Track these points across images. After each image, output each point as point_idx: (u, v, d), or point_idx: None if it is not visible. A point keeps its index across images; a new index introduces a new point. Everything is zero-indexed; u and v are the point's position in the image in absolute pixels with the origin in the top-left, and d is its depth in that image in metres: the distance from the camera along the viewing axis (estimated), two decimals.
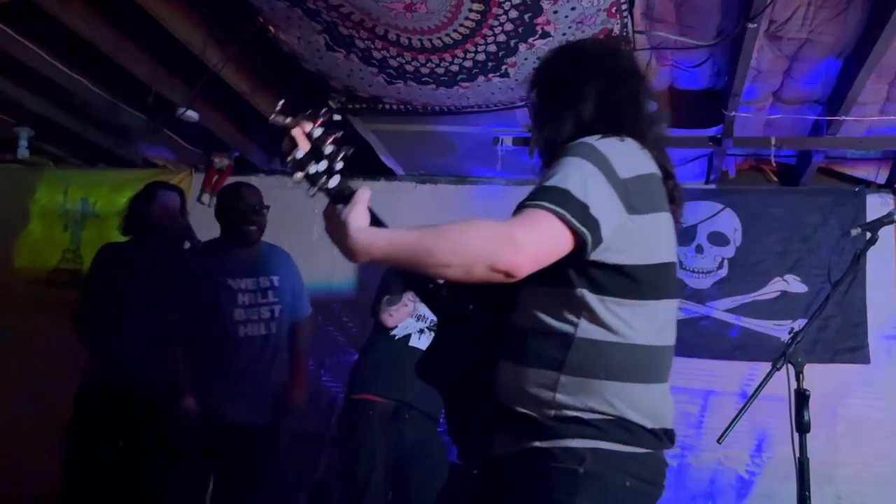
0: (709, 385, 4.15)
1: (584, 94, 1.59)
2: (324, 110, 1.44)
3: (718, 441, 2.45)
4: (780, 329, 4.12)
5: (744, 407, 2.45)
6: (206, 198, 4.69)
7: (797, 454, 2.39)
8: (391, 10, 2.70)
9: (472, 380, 1.62)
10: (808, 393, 2.41)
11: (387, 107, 3.57)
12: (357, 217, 1.41)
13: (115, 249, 3.47)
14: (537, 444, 1.47)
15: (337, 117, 1.45)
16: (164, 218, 3.39)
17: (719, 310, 4.26)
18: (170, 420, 2.99)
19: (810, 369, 2.46)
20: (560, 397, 1.46)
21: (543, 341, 1.49)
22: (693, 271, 4.33)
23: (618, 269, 1.47)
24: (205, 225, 3.54)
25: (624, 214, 1.45)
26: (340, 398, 3.96)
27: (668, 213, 1.57)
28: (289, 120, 1.39)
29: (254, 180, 3.90)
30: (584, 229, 1.39)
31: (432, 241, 1.38)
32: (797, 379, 2.43)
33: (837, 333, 4.07)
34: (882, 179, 4.26)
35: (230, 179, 4.56)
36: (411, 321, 3.31)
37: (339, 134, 1.44)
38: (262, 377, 3.16)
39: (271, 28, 3.03)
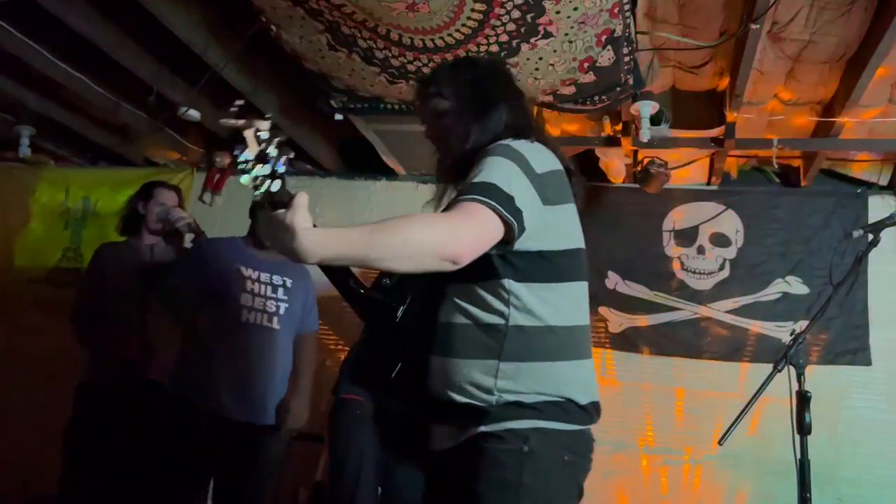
0: (710, 386, 4.15)
1: (497, 105, 1.77)
2: (268, 115, 1.48)
3: (720, 442, 2.44)
4: (782, 330, 4.11)
5: (745, 408, 2.44)
6: (207, 197, 4.67)
7: (798, 456, 2.39)
8: (393, 10, 2.70)
9: (402, 380, 1.72)
10: (809, 395, 2.41)
11: (388, 107, 3.57)
12: (303, 219, 1.43)
13: (114, 248, 3.47)
14: (482, 428, 1.57)
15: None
16: (161, 217, 3.39)
17: (720, 311, 4.26)
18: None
19: (812, 371, 2.46)
20: (501, 383, 1.58)
21: (477, 333, 1.61)
22: (694, 272, 4.33)
23: (539, 255, 1.62)
24: (205, 225, 3.53)
25: (540, 205, 1.61)
26: None
27: (574, 204, 1.74)
28: (242, 121, 1.40)
29: None
30: (511, 218, 1.53)
31: (380, 238, 1.45)
32: (798, 380, 2.42)
33: (839, 335, 4.07)
34: (884, 181, 4.26)
35: (231, 179, 4.56)
36: None
37: (282, 137, 1.47)
38: (263, 374, 3.09)
39: (273, 28, 3.02)
